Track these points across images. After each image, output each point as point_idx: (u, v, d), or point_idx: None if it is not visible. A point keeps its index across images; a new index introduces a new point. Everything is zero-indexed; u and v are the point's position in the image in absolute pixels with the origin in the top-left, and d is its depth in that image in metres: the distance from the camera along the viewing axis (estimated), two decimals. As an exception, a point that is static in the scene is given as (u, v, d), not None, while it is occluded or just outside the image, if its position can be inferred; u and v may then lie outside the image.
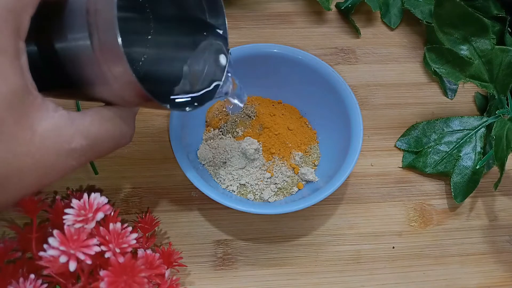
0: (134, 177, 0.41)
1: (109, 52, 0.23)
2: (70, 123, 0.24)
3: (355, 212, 0.40)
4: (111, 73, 0.24)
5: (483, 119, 0.43)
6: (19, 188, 0.24)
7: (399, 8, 0.50)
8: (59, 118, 0.24)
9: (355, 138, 0.37)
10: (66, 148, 0.24)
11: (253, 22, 0.50)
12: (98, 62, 0.24)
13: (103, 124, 0.26)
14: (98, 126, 0.25)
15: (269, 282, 0.37)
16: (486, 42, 0.40)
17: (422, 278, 0.38)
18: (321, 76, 0.40)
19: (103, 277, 0.27)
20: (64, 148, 0.24)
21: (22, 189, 0.24)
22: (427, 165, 0.42)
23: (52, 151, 0.23)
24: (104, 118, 0.26)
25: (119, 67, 0.23)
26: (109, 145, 0.27)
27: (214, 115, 0.42)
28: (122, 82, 0.24)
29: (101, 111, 0.26)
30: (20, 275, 0.30)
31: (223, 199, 0.34)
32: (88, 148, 0.25)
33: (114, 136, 0.27)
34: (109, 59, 0.23)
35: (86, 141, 0.25)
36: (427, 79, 0.48)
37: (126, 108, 0.27)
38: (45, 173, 0.24)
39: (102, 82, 0.25)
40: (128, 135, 0.28)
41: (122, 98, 0.26)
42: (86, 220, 0.28)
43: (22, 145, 0.22)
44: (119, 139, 0.27)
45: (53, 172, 0.24)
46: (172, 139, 0.37)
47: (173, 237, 0.38)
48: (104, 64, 0.24)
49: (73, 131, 0.24)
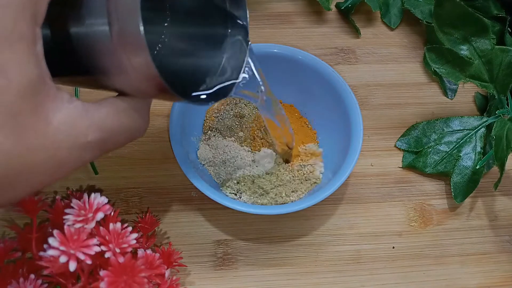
0: (134, 177, 0.41)
1: (130, 41, 0.22)
2: (85, 114, 0.23)
3: (355, 212, 0.40)
4: (130, 63, 0.23)
5: (483, 119, 0.43)
6: (29, 185, 0.22)
7: (399, 8, 0.50)
8: (74, 110, 0.23)
9: (355, 138, 0.37)
10: (81, 141, 0.23)
11: (253, 22, 0.50)
12: (117, 51, 0.23)
13: (118, 116, 0.25)
14: (113, 118, 0.24)
15: (269, 282, 0.37)
16: (486, 42, 0.40)
17: (422, 278, 0.38)
18: (321, 76, 0.40)
19: (103, 277, 0.27)
20: (79, 142, 0.23)
21: (33, 186, 0.23)
22: (427, 165, 0.42)
23: (66, 144, 0.22)
24: (119, 110, 0.25)
25: (139, 58, 0.22)
26: (123, 138, 0.26)
27: (214, 114, 0.42)
28: (141, 73, 0.23)
29: (116, 102, 0.25)
30: (20, 275, 0.30)
31: (223, 199, 0.34)
32: (102, 141, 0.24)
33: (129, 128, 0.26)
34: (129, 49, 0.22)
35: (102, 134, 0.24)
36: (427, 79, 0.48)
37: (141, 100, 0.26)
38: (57, 168, 0.23)
39: (119, 72, 0.24)
40: (143, 128, 0.27)
41: (138, 89, 0.25)
42: (86, 220, 0.28)
43: (37, 138, 0.21)
44: (134, 131, 0.26)
45: (65, 166, 0.23)
46: (172, 139, 0.37)
47: (173, 237, 0.38)
48: (123, 54, 0.23)
49: (89, 123, 0.23)
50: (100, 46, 0.23)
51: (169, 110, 0.39)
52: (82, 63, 0.25)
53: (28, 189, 0.23)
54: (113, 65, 0.24)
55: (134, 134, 0.26)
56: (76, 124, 0.22)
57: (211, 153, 0.40)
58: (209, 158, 0.40)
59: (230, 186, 0.39)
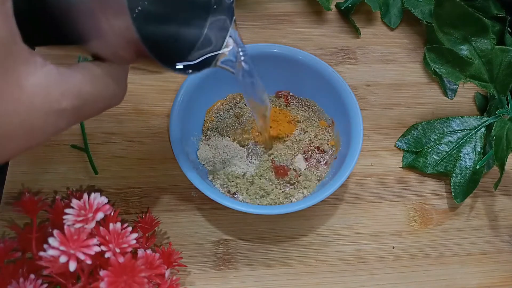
0: (134, 177, 0.41)
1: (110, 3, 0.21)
2: (60, 80, 0.22)
3: (355, 212, 0.40)
4: (109, 25, 0.21)
5: (483, 119, 0.43)
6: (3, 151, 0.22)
7: (399, 8, 0.50)
8: (48, 74, 0.21)
9: (355, 138, 0.37)
10: (56, 108, 0.22)
11: (253, 22, 0.50)
12: (95, 13, 0.21)
13: (94, 83, 0.23)
14: (88, 85, 0.23)
15: (269, 282, 0.37)
16: (486, 42, 0.40)
17: (422, 278, 0.38)
18: (321, 76, 0.40)
19: (103, 277, 0.27)
20: (54, 108, 0.22)
21: (6, 152, 0.22)
22: (427, 165, 0.42)
23: (41, 110, 0.21)
24: (95, 76, 0.24)
25: (119, 20, 0.21)
26: (99, 105, 0.24)
27: (214, 114, 0.42)
28: (120, 37, 0.22)
29: (92, 68, 0.24)
30: (20, 275, 0.30)
31: (223, 199, 0.34)
32: (77, 109, 0.23)
33: (105, 96, 0.24)
34: (109, 10, 0.21)
35: (76, 101, 0.23)
36: (427, 79, 0.48)
37: (118, 66, 0.25)
38: (32, 135, 0.22)
39: (96, 35, 0.22)
40: (120, 95, 0.26)
41: (117, 54, 0.24)
42: (86, 220, 0.28)
43: (9, 103, 0.20)
44: (110, 99, 0.25)
45: (40, 133, 0.22)
46: (172, 139, 0.37)
47: (173, 237, 0.38)
48: (102, 16, 0.21)
49: (63, 89, 0.22)
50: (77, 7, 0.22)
51: (169, 110, 0.39)
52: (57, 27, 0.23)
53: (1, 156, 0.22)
54: (90, 27, 0.22)
55: (111, 102, 0.25)
56: (50, 90, 0.21)
57: (211, 153, 0.40)
58: (209, 158, 0.40)
59: (227, 185, 0.39)
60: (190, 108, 0.39)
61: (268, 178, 0.39)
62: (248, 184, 0.38)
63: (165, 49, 0.27)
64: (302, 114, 0.42)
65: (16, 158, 0.41)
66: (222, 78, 0.41)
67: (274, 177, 0.39)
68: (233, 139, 0.41)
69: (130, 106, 0.44)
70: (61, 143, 0.42)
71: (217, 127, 0.41)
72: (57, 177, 0.40)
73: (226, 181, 0.39)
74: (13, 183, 0.40)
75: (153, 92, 0.45)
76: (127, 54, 0.23)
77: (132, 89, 0.44)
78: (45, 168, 0.40)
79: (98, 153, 0.41)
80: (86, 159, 0.41)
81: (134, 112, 0.44)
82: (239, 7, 0.51)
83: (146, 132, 0.43)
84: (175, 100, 0.38)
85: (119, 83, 0.25)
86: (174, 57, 0.27)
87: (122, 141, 0.42)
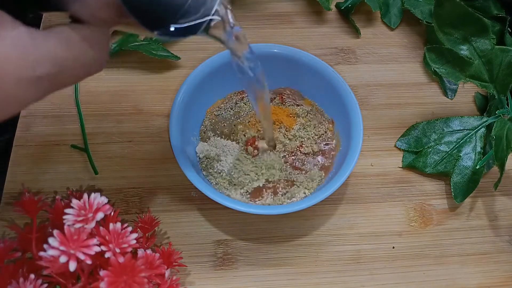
0: (134, 177, 0.41)
1: None
2: (32, 44, 0.20)
3: (355, 212, 0.40)
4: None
5: (483, 119, 0.43)
6: None
7: (399, 8, 0.50)
8: (19, 37, 0.20)
9: (355, 138, 0.37)
10: (29, 75, 0.20)
11: (253, 22, 0.50)
12: None
13: (71, 48, 0.22)
14: (65, 50, 0.21)
15: (269, 282, 0.37)
16: (486, 42, 0.40)
17: (422, 278, 0.38)
18: (321, 76, 0.40)
19: (103, 277, 0.27)
20: (27, 75, 0.20)
21: None
22: (427, 165, 0.42)
23: (13, 77, 0.19)
24: (73, 41, 0.22)
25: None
26: (79, 72, 0.23)
27: (214, 113, 0.42)
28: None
29: (68, 31, 0.22)
30: (20, 275, 0.30)
31: (223, 199, 0.34)
32: (54, 76, 0.21)
33: (84, 61, 0.23)
34: None
35: (52, 68, 0.21)
36: (427, 79, 0.48)
37: (97, 28, 0.23)
38: (5, 104, 0.20)
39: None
40: (100, 61, 0.24)
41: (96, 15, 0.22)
42: (86, 220, 0.28)
43: None
44: (91, 65, 0.23)
45: (13, 102, 0.20)
46: (172, 139, 0.37)
47: (173, 237, 0.38)
48: None
49: (38, 55, 0.20)
50: None
51: (169, 110, 0.39)
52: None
53: None
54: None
55: (91, 68, 0.23)
56: (23, 55, 0.20)
57: (210, 152, 0.40)
58: (208, 157, 0.40)
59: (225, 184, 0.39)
60: (190, 108, 0.39)
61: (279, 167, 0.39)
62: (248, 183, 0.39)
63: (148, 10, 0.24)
64: (302, 108, 0.42)
65: (16, 158, 0.41)
66: (222, 78, 0.41)
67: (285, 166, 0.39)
68: (233, 138, 0.41)
69: (130, 106, 0.44)
70: (61, 143, 0.42)
71: (216, 127, 0.41)
72: (57, 177, 0.40)
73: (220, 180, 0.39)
74: (13, 183, 0.40)
75: (153, 92, 0.45)
76: (107, 15, 0.22)
77: (132, 89, 0.45)
78: (45, 168, 0.40)
79: (98, 153, 0.41)
80: (86, 159, 0.41)
81: (134, 112, 0.44)
82: (239, 7, 0.51)
83: (146, 132, 0.43)
84: (175, 100, 0.38)
85: (99, 48, 0.23)
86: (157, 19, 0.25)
87: (122, 141, 0.42)
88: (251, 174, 0.39)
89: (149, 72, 0.46)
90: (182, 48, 0.47)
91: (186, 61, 0.46)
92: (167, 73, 0.46)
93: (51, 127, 0.42)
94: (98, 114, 0.43)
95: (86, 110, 0.43)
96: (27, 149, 0.41)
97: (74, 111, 0.43)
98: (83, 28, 0.22)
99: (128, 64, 0.46)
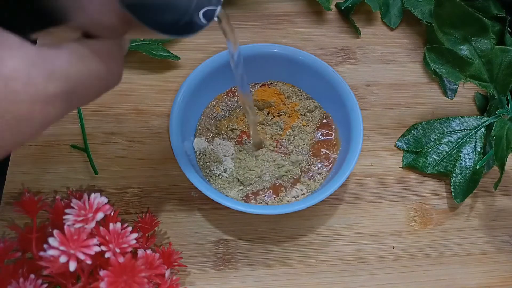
0: (134, 177, 0.41)
1: None
2: (42, 61, 0.19)
3: (355, 212, 0.40)
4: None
5: (483, 119, 0.43)
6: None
7: (399, 8, 0.50)
8: (26, 55, 0.19)
9: (355, 138, 0.37)
10: (42, 93, 0.19)
11: (253, 22, 0.50)
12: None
13: (84, 62, 0.21)
14: (77, 65, 0.21)
15: (269, 282, 0.37)
16: (486, 42, 0.40)
17: (422, 278, 0.38)
18: (321, 76, 0.40)
19: (103, 277, 0.27)
20: (40, 94, 0.19)
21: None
22: (427, 165, 0.42)
23: (25, 98, 0.19)
24: (84, 54, 0.21)
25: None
26: (94, 87, 0.22)
27: (213, 113, 0.42)
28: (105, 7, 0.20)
29: (77, 46, 0.21)
30: (20, 275, 0.30)
31: (223, 199, 0.34)
32: (68, 94, 0.20)
33: (98, 76, 0.22)
34: None
35: (66, 85, 0.20)
36: (427, 79, 0.48)
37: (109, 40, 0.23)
38: (18, 129, 0.19)
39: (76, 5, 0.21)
40: (115, 74, 0.23)
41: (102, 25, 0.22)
42: (86, 220, 0.28)
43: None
44: (107, 78, 0.23)
45: (29, 124, 0.19)
46: (172, 139, 0.37)
47: (173, 237, 0.38)
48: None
49: (48, 72, 0.20)
50: None
51: (169, 110, 0.39)
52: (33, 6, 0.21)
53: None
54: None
55: (108, 82, 0.23)
56: (31, 74, 0.19)
57: (208, 152, 0.40)
58: (207, 157, 0.40)
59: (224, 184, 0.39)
60: (190, 108, 0.39)
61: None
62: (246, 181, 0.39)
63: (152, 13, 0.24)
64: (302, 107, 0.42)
65: (16, 158, 0.41)
66: (222, 78, 0.41)
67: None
68: (224, 136, 0.41)
69: (130, 106, 0.44)
70: (61, 143, 0.42)
71: (215, 126, 0.41)
72: (57, 177, 0.40)
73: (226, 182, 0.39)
74: (13, 183, 0.40)
75: (153, 92, 0.45)
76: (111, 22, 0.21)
77: (132, 89, 0.45)
78: (45, 168, 0.40)
79: (98, 153, 0.41)
80: (86, 159, 0.41)
81: (134, 112, 0.44)
82: (239, 7, 0.51)
83: (146, 132, 0.43)
84: (175, 100, 0.38)
85: (113, 60, 0.23)
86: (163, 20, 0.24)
87: (122, 141, 0.42)
88: (256, 169, 0.38)
89: (149, 72, 0.46)
90: (182, 48, 0.47)
91: (186, 61, 0.46)
92: (167, 73, 0.46)
93: (51, 127, 0.42)
94: (98, 114, 0.43)
95: (86, 110, 0.43)
96: (27, 149, 0.41)
97: (74, 111, 0.43)
98: (93, 41, 0.22)
99: (128, 64, 0.46)
